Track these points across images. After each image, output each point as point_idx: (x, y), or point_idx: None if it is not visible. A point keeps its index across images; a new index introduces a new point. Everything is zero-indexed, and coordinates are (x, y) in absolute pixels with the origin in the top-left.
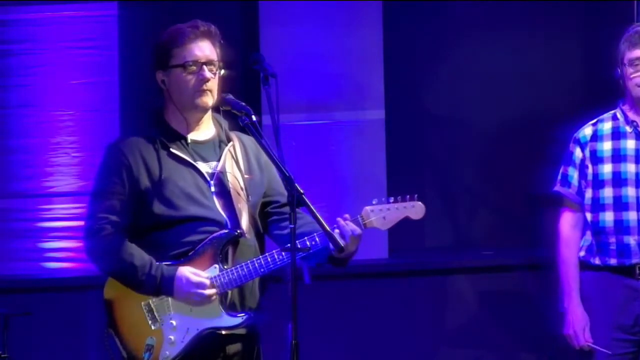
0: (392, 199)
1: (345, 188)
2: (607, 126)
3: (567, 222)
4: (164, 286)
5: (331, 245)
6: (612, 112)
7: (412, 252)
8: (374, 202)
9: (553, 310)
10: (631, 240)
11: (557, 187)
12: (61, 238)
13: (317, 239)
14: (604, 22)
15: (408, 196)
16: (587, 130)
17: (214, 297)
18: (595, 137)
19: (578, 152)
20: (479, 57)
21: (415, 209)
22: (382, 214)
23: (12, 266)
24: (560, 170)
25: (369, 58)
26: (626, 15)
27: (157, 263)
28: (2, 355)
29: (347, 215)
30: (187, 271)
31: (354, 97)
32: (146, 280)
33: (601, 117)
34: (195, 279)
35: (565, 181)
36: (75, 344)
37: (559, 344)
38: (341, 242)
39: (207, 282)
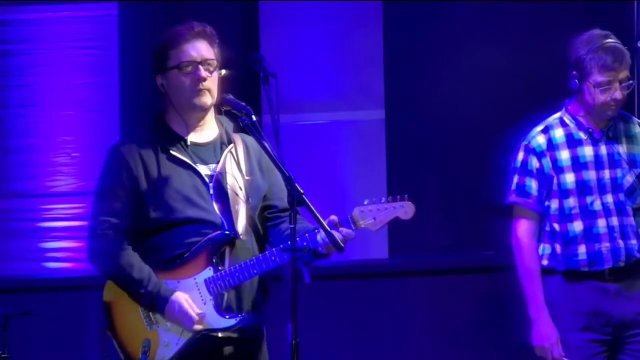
0: (383, 199)
1: (345, 188)
2: (559, 134)
3: (526, 232)
4: (157, 304)
5: (330, 245)
6: (558, 116)
7: (412, 252)
8: (365, 203)
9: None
10: (602, 247)
11: (514, 198)
12: (61, 238)
13: (306, 235)
14: (604, 22)
15: (398, 196)
16: (539, 139)
17: (200, 329)
18: (552, 146)
19: (535, 162)
20: (478, 57)
21: (405, 209)
22: (372, 215)
23: (12, 266)
24: (515, 181)
25: (369, 58)
26: (626, 15)
27: (156, 280)
28: (2, 355)
29: (334, 217)
30: (182, 298)
31: (354, 97)
32: (142, 295)
33: (548, 122)
34: (186, 308)
35: (523, 191)
36: (75, 344)
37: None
38: (342, 243)
39: (197, 317)
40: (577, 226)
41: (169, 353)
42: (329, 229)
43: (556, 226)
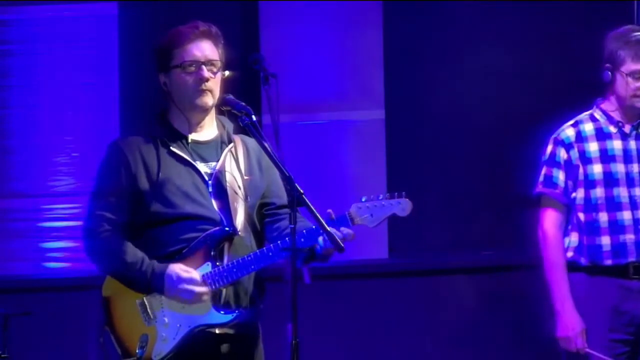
0: (380, 196)
1: (345, 188)
2: (588, 127)
3: (552, 223)
4: (155, 282)
5: (330, 247)
6: (589, 112)
7: (412, 252)
8: (362, 200)
9: (553, 310)
10: (627, 239)
11: (541, 188)
12: (61, 238)
13: (303, 231)
14: (604, 22)
15: (396, 193)
16: (569, 132)
17: (205, 295)
18: (580, 138)
19: (562, 153)
20: (479, 57)
21: (402, 206)
22: (370, 211)
23: (12, 266)
24: (543, 172)
25: (369, 58)
26: (626, 15)
27: (149, 260)
28: (2, 355)
29: (330, 211)
30: (177, 268)
31: (354, 97)
32: (137, 277)
33: (578, 118)
34: (185, 275)
35: (550, 182)
36: (75, 344)
37: (558, 344)
38: (342, 243)
39: (198, 278)
40: (602, 217)
41: (166, 348)
42: (328, 229)
43: (581, 216)
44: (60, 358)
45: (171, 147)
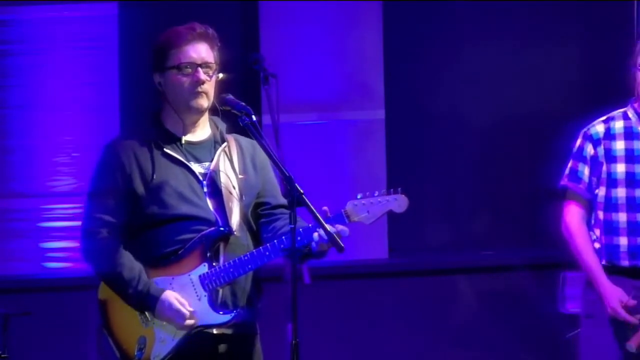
0: (376, 193)
1: (345, 188)
2: (618, 125)
3: (575, 217)
4: (148, 303)
5: (327, 243)
6: (623, 110)
7: (412, 252)
8: (358, 197)
9: (553, 310)
10: None
11: (565, 182)
12: (61, 238)
13: (300, 229)
14: (604, 22)
15: (392, 189)
16: (599, 128)
17: (193, 326)
18: (609, 135)
19: (590, 149)
20: (479, 56)
21: (398, 202)
22: (366, 208)
23: (12, 266)
24: (569, 165)
25: (369, 58)
26: (626, 16)
27: (146, 279)
28: (2, 355)
29: (325, 208)
30: (172, 297)
31: (354, 97)
32: (132, 295)
33: (611, 114)
34: (177, 306)
35: (575, 176)
36: (75, 344)
37: (558, 343)
38: (342, 243)
39: (188, 313)
40: (622, 217)
41: (164, 350)
42: (328, 229)
43: (600, 214)
44: (60, 358)
45: (165, 149)
